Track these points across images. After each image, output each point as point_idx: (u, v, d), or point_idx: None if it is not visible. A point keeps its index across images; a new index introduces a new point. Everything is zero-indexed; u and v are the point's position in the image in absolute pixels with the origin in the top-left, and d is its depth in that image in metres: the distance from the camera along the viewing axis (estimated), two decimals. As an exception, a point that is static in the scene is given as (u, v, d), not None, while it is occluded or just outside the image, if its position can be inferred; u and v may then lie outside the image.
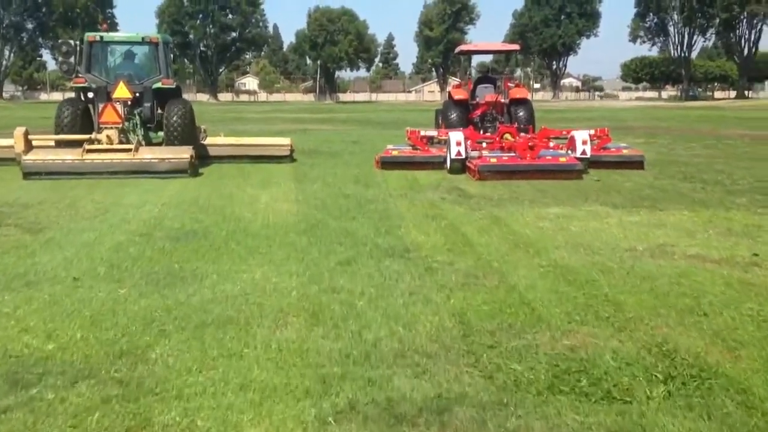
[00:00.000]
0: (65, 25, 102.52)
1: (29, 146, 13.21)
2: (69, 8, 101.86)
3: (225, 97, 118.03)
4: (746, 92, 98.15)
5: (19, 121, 21.18)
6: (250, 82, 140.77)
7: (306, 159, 15.90)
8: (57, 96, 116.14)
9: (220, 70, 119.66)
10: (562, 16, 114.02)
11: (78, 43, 14.88)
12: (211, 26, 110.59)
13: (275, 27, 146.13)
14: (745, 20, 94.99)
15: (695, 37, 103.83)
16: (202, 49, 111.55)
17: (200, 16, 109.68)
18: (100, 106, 13.87)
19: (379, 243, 7.14)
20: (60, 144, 13.63)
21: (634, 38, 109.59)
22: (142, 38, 15.14)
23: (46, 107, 60.43)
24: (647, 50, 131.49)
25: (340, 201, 9.95)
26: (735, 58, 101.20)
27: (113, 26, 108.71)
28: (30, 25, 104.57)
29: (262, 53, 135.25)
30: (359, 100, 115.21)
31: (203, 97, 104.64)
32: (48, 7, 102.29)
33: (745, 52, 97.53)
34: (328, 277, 5.78)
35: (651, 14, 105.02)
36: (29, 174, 12.32)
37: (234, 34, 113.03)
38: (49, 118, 34.53)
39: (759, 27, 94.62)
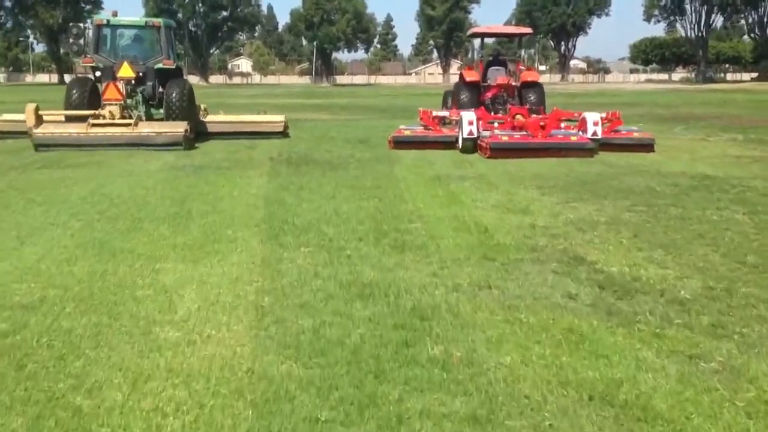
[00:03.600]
0: (46, 4, 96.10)
1: (40, 121, 14.13)
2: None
3: (217, 79, 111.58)
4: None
5: None
6: (244, 64, 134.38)
7: (292, 176, 10.34)
8: (42, 77, 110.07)
9: (211, 51, 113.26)
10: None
11: (86, 26, 16.28)
12: (200, 4, 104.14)
13: (270, 7, 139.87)
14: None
15: (713, 16, 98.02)
16: (191, 28, 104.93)
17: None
18: (104, 84, 14.69)
19: None
20: (69, 119, 14.43)
21: (648, 17, 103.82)
22: (146, 22, 16.56)
23: (14, 91, 54.18)
24: (651, 31, 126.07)
25: (354, 315, 4.43)
26: (755, 37, 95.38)
27: (98, 5, 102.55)
28: (8, 3, 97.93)
29: (256, 34, 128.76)
30: (357, 83, 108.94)
31: (194, 79, 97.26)
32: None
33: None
34: None
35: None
36: (39, 146, 13.29)
37: (225, 13, 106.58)
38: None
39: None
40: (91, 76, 15.90)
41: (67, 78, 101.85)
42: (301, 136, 16.86)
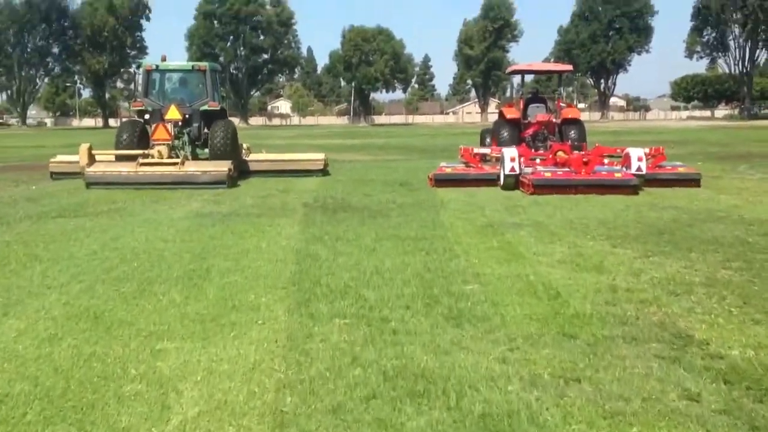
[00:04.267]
0: (93, 49, 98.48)
1: (92, 160, 14.61)
2: (96, 32, 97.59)
3: (257, 121, 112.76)
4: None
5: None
6: (283, 106, 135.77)
7: (327, 225, 9.31)
8: (88, 122, 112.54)
9: (252, 93, 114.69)
10: (611, 32, 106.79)
11: (136, 71, 16.99)
12: (242, 48, 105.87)
13: (309, 50, 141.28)
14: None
15: (758, 52, 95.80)
16: (232, 71, 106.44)
17: (231, 37, 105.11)
18: (153, 126, 15.42)
19: None
20: (119, 158, 15.04)
21: (690, 54, 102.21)
22: (192, 66, 17.07)
23: (60, 135, 54.56)
24: (690, 68, 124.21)
25: (405, 427, 3.29)
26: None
27: (143, 50, 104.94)
28: (56, 50, 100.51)
29: (296, 76, 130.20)
30: (395, 122, 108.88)
31: (234, 121, 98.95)
32: (74, 31, 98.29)
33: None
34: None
35: (709, 28, 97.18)
36: (91, 184, 13.92)
37: (265, 56, 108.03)
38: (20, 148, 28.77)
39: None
40: (137, 118, 16.63)
41: (112, 122, 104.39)
42: (338, 178, 15.93)
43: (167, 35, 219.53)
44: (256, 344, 4.51)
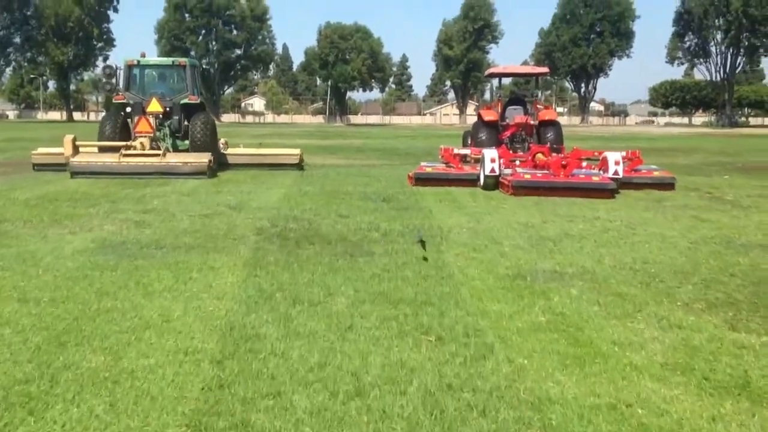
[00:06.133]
0: (57, 40, 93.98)
1: (76, 151, 15.28)
2: (61, 22, 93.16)
3: (230, 118, 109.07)
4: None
5: None
6: (257, 103, 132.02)
7: (284, 270, 6.33)
8: (54, 115, 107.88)
9: (224, 89, 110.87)
10: (592, 35, 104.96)
11: (118, 66, 17.12)
12: (214, 42, 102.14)
13: (285, 47, 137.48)
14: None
15: (739, 59, 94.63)
16: (204, 66, 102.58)
17: (203, 31, 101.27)
18: (136, 118, 16.09)
19: None
20: (102, 150, 15.66)
21: (671, 60, 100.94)
22: (173, 62, 17.99)
23: (21, 128, 50.52)
24: (667, 74, 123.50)
25: None
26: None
27: (109, 42, 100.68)
28: (17, 40, 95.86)
29: (270, 73, 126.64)
30: (371, 122, 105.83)
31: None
32: (38, 21, 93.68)
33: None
34: None
35: (691, 33, 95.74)
36: (75, 173, 14.35)
37: (238, 52, 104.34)
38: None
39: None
40: (113, 112, 17.47)
41: (77, 115, 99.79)
42: (306, 189, 12.98)
43: (135, 27, 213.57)
44: None
